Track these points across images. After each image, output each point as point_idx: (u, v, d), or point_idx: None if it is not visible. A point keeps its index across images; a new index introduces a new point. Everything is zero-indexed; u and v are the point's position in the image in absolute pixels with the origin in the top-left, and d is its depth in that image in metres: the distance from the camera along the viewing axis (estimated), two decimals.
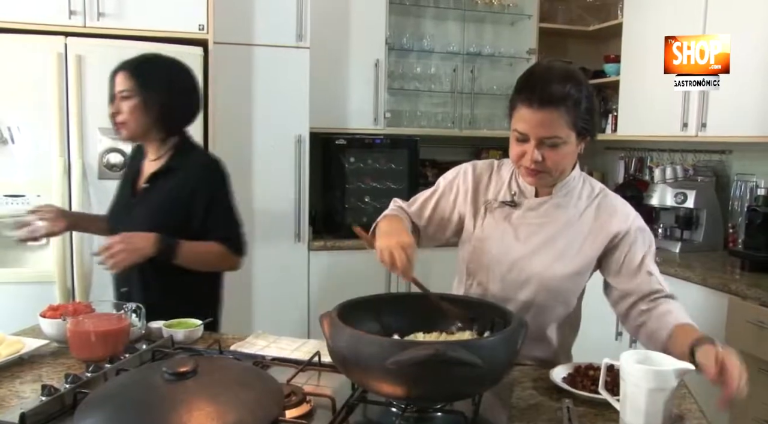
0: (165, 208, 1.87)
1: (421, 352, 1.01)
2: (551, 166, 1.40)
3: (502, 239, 1.52)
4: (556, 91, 1.34)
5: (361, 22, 3.50)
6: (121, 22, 2.77)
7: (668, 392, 1.13)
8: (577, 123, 1.37)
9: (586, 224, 1.49)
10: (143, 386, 1.10)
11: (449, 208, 1.61)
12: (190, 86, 1.97)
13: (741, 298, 2.37)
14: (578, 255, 1.48)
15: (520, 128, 1.38)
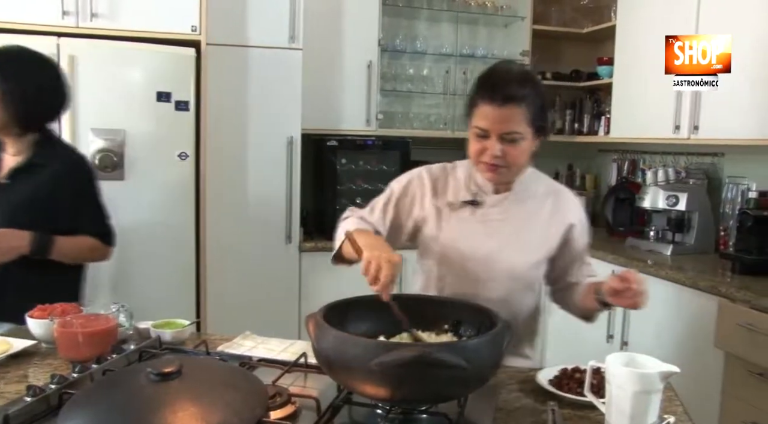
0: (27, 205, 1.85)
1: (405, 353, 1.01)
2: (510, 161, 1.47)
3: (470, 237, 1.56)
4: (516, 90, 1.42)
5: (354, 24, 3.50)
6: (114, 23, 2.77)
7: (653, 395, 1.13)
8: (535, 120, 1.45)
9: (545, 216, 1.58)
10: (128, 386, 1.10)
11: (405, 213, 1.62)
12: (53, 82, 1.93)
13: (731, 300, 2.38)
14: (542, 245, 1.57)
15: (482, 124, 1.45)
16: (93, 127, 2.71)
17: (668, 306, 2.75)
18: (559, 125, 4.15)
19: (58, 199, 1.86)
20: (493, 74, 1.48)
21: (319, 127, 3.47)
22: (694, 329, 2.56)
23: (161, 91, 2.80)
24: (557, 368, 1.42)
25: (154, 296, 2.78)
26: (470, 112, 1.49)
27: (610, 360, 1.17)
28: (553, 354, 3.59)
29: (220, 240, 3.10)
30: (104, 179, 2.70)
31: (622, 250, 3.21)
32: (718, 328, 2.40)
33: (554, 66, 4.17)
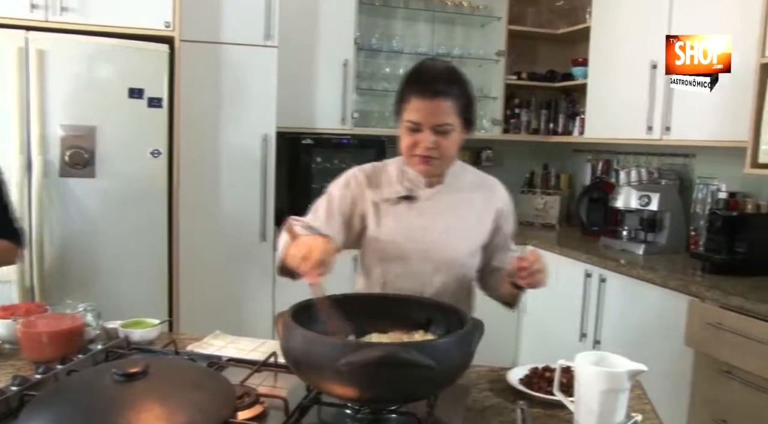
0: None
1: (372, 353, 1.01)
2: (443, 153, 1.52)
3: (409, 232, 1.59)
4: (445, 84, 1.49)
5: (330, 22, 3.48)
6: (85, 18, 2.72)
7: (621, 394, 1.14)
8: (463, 113, 1.52)
9: (477, 205, 1.65)
10: (92, 387, 1.08)
11: (350, 213, 1.62)
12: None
13: (700, 299, 2.41)
14: (477, 233, 1.64)
15: (414, 118, 1.50)
16: (63, 123, 2.66)
17: (640, 305, 2.78)
18: (534, 125, 4.18)
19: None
20: (422, 70, 1.53)
21: (295, 126, 3.45)
22: (665, 328, 2.59)
23: (133, 88, 2.76)
24: (528, 367, 1.43)
25: (125, 296, 2.74)
26: (401, 108, 1.54)
27: (579, 359, 1.17)
28: (527, 353, 3.62)
29: (194, 239, 3.06)
30: (75, 176, 2.69)
31: (595, 249, 3.24)
32: (688, 326, 2.43)
33: (530, 66, 4.19)
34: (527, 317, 3.65)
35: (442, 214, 1.60)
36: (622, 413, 1.15)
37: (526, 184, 4.28)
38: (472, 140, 4.06)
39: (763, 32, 2.45)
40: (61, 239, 2.68)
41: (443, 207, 1.61)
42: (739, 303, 2.24)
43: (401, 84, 1.56)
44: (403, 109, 1.53)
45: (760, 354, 2.12)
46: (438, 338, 1.23)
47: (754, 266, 2.63)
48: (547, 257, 3.37)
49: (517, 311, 3.61)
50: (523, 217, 4.14)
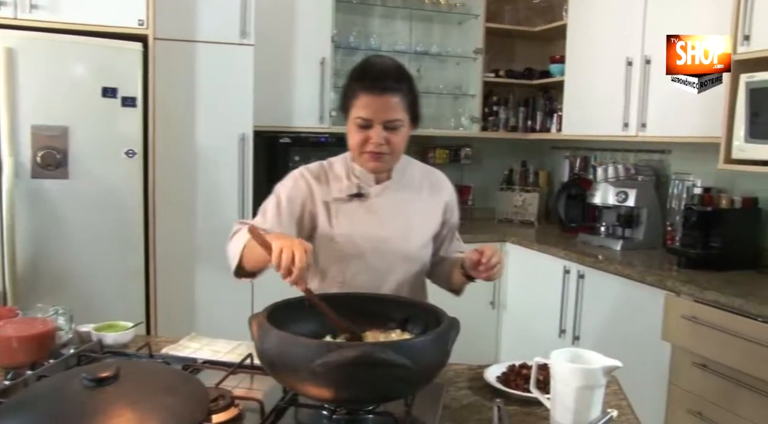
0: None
1: (348, 353, 1.00)
2: (393, 148, 1.53)
3: (363, 229, 1.59)
4: (394, 80, 1.50)
5: (307, 20, 3.46)
6: (56, 15, 2.67)
7: (597, 390, 1.15)
8: (411, 108, 1.54)
9: (425, 197, 1.67)
10: (61, 393, 1.05)
11: (299, 213, 1.61)
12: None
13: (676, 294, 2.44)
14: (428, 225, 1.66)
15: (364, 114, 1.49)
16: (34, 123, 2.61)
17: (618, 301, 2.81)
18: (512, 123, 4.19)
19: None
20: (370, 67, 1.53)
21: (272, 124, 3.42)
22: (642, 323, 2.62)
23: (107, 87, 2.72)
24: (505, 365, 1.43)
25: (100, 299, 2.70)
26: (349, 105, 1.53)
27: (555, 356, 1.17)
28: (507, 350, 3.64)
29: (171, 240, 3.02)
30: (47, 178, 2.65)
31: (573, 246, 3.26)
32: (665, 321, 2.46)
33: (507, 64, 4.21)
34: (507, 315, 3.66)
35: (393, 209, 1.61)
36: (598, 409, 1.15)
37: (504, 182, 4.29)
38: (451, 138, 4.12)
39: (735, 29, 2.48)
40: (34, 241, 2.64)
41: (393, 203, 1.62)
42: (714, 297, 2.27)
43: (347, 80, 1.56)
44: (352, 105, 1.52)
45: (735, 347, 2.15)
46: (414, 337, 1.22)
47: (729, 260, 2.66)
48: (526, 254, 3.42)
49: (496, 309, 3.64)
50: (502, 214, 4.16)
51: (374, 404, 1.14)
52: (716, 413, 2.25)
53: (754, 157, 2.45)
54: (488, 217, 4.17)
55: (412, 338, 1.18)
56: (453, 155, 4.15)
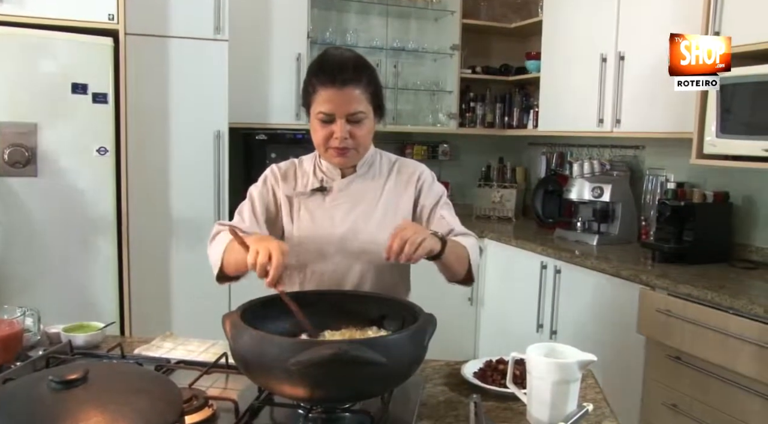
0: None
1: (323, 352, 0.99)
2: (358, 142, 1.50)
3: (323, 224, 1.57)
4: (353, 72, 1.46)
5: (283, 15, 3.43)
6: (23, 9, 2.61)
7: (572, 384, 1.15)
8: (374, 99, 1.51)
9: (393, 188, 1.61)
10: (27, 396, 1.02)
11: (273, 212, 1.61)
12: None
13: (651, 288, 2.46)
14: (396, 215, 1.58)
15: (326, 109, 1.46)
16: (2, 120, 2.55)
17: (594, 295, 2.83)
18: (489, 119, 4.20)
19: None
20: (328, 60, 1.48)
21: (248, 121, 3.39)
22: (618, 317, 2.64)
23: (77, 83, 2.67)
24: (482, 361, 1.43)
25: (72, 299, 2.65)
26: (310, 101, 1.50)
27: (530, 351, 1.17)
28: (485, 345, 3.65)
29: (144, 239, 2.98)
30: (15, 176, 2.59)
31: (551, 241, 3.28)
32: (640, 315, 2.48)
33: (484, 60, 4.22)
34: (485, 311, 3.67)
35: (357, 203, 1.58)
36: (573, 403, 1.16)
37: (482, 178, 4.30)
38: (429, 134, 4.11)
39: (705, 25, 2.51)
40: (1, 241, 2.58)
41: (357, 196, 1.58)
42: (687, 291, 2.29)
43: (307, 76, 1.52)
44: (312, 101, 1.49)
45: (708, 340, 2.17)
46: (390, 333, 1.21)
47: (702, 254, 2.70)
48: (504, 250, 3.43)
49: (474, 305, 3.65)
50: (480, 210, 4.17)
51: (351, 402, 1.13)
52: (691, 405, 2.28)
53: (725, 152, 2.48)
54: (466, 213, 4.18)
55: (387, 335, 1.16)
56: (431, 152, 4.15)
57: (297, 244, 1.56)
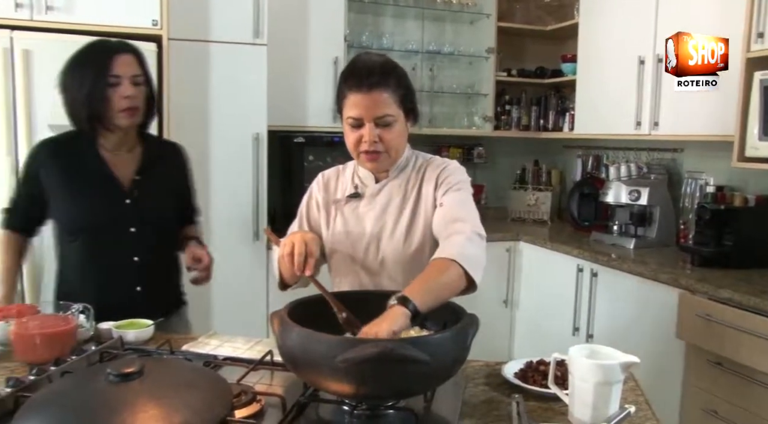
0: (167, 196, 1.92)
1: (369, 349, 1.01)
2: (388, 146, 1.50)
3: (354, 229, 1.59)
4: (380, 75, 1.47)
5: (320, 19, 3.47)
6: (71, 17, 2.69)
7: (614, 386, 1.15)
8: (403, 102, 1.51)
9: (421, 189, 1.59)
10: (87, 388, 1.07)
11: (316, 220, 1.65)
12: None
13: (690, 292, 2.43)
14: (422, 224, 1.56)
15: (354, 114, 1.48)
16: (50, 123, 2.62)
17: (632, 299, 2.80)
18: (525, 122, 4.19)
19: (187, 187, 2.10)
20: (357, 65, 1.51)
21: (286, 124, 3.44)
22: (657, 321, 2.61)
23: None
24: (522, 361, 1.44)
25: None
26: (341, 106, 1.53)
27: (573, 352, 1.18)
28: (520, 347, 3.64)
29: None
30: None
31: (586, 244, 3.26)
32: (679, 319, 2.45)
33: (519, 63, 4.21)
34: (519, 313, 3.66)
35: (386, 206, 1.59)
36: (615, 405, 1.16)
37: (517, 181, 4.29)
38: (464, 137, 4.12)
39: (749, 27, 2.47)
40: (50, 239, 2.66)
41: (388, 200, 1.59)
42: (729, 295, 2.26)
43: (338, 82, 1.55)
44: (343, 106, 1.51)
45: (750, 345, 2.14)
46: (434, 333, 1.23)
47: (742, 258, 2.66)
48: (539, 253, 3.42)
49: (509, 307, 3.64)
50: (515, 213, 4.16)
51: (395, 399, 1.15)
52: (732, 412, 2.25)
53: (767, 155, 2.44)
54: (501, 216, 4.17)
55: (432, 335, 1.18)
56: (466, 154, 4.16)
57: (331, 249, 1.61)
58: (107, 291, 1.77)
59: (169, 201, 1.93)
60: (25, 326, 1.41)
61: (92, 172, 1.81)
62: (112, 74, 1.72)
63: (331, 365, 1.02)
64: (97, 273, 1.81)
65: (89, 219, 1.80)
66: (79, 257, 1.83)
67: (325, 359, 1.04)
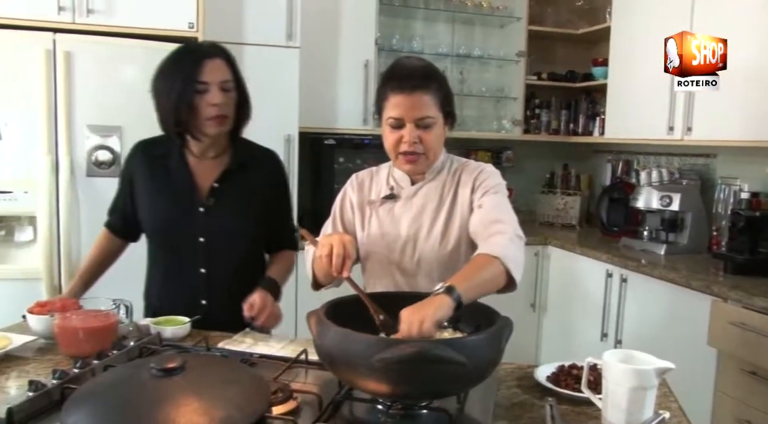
0: (245, 208, 1.79)
1: (406, 350, 1.03)
2: (427, 147, 1.52)
3: (390, 231, 1.61)
4: (422, 77, 1.50)
5: (351, 23, 3.51)
6: (111, 19, 2.76)
7: (649, 391, 1.15)
8: (443, 105, 1.54)
9: (457, 192, 1.61)
10: (131, 381, 1.11)
11: (352, 223, 1.67)
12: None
13: (723, 300, 2.41)
14: (458, 226, 1.58)
15: (395, 114, 1.50)
16: (89, 123, 2.70)
17: (662, 305, 2.78)
18: (554, 126, 4.17)
19: (273, 199, 1.89)
20: (399, 67, 1.54)
21: (316, 126, 3.47)
22: (688, 328, 2.59)
23: None
24: (554, 365, 1.44)
25: None
26: (381, 107, 1.55)
27: (607, 357, 1.18)
28: (547, 352, 3.62)
29: None
30: (100, 176, 2.73)
31: (616, 250, 3.24)
32: (711, 327, 2.42)
33: (550, 67, 4.19)
34: (547, 317, 3.65)
35: (422, 208, 1.60)
36: (650, 411, 1.16)
37: (546, 185, 4.28)
38: (493, 141, 4.11)
39: None
40: (89, 237, 2.71)
41: (424, 202, 1.61)
42: (763, 304, 2.23)
43: (379, 83, 1.58)
44: (384, 107, 1.53)
45: None
46: (469, 335, 1.24)
47: None
48: (568, 257, 3.41)
49: (537, 311, 3.63)
50: (543, 217, 4.15)
51: (429, 399, 1.17)
52: (766, 422, 2.22)
53: None
54: (529, 220, 4.16)
55: (468, 336, 1.20)
56: (494, 158, 4.16)
57: (366, 250, 1.62)
58: (172, 299, 1.77)
59: (247, 213, 1.80)
60: (68, 320, 1.46)
61: (173, 176, 1.77)
62: (200, 81, 1.66)
63: (368, 364, 1.04)
64: (165, 280, 1.81)
65: (159, 223, 1.79)
66: (152, 261, 1.85)
67: (362, 359, 1.05)
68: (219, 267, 1.78)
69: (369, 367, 1.04)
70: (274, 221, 1.82)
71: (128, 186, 1.85)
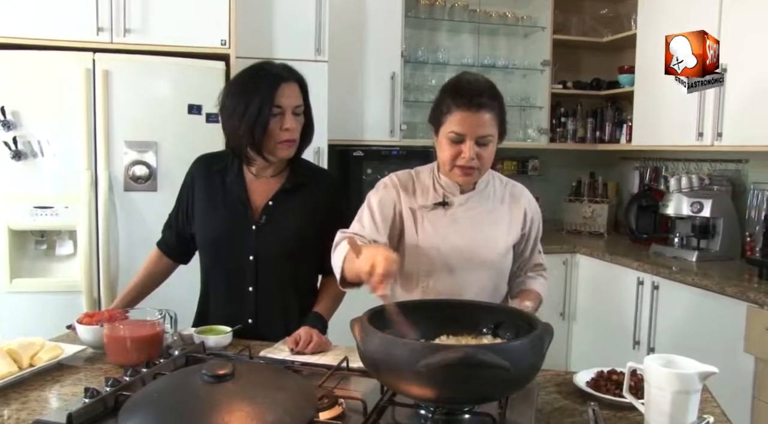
0: (296, 228, 1.78)
1: (451, 355, 1.05)
2: (483, 163, 1.59)
3: (446, 236, 1.66)
4: (488, 97, 1.55)
5: (378, 36, 3.56)
6: (147, 38, 2.84)
7: (692, 395, 1.16)
8: (501, 124, 1.60)
9: (506, 208, 1.72)
10: (183, 388, 1.15)
11: (391, 220, 1.68)
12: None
13: (759, 306, 2.39)
14: (509, 234, 1.71)
15: (459, 130, 1.55)
16: (126, 139, 2.77)
17: (696, 312, 2.76)
18: (581, 133, 4.18)
19: (325, 220, 1.82)
20: (465, 84, 1.58)
21: (345, 138, 3.52)
22: (723, 335, 2.57)
23: (192, 104, 2.86)
24: (593, 371, 1.45)
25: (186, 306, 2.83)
26: (442, 120, 1.59)
27: (649, 361, 1.19)
28: (578, 360, 3.60)
29: None
30: (137, 190, 2.80)
31: (646, 257, 3.23)
32: (748, 333, 2.41)
33: (575, 75, 4.20)
34: (577, 326, 3.64)
35: (476, 219, 1.67)
36: (693, 415, 1.16)
37: (572, 193, 4.27)
38: (519, 150, 4.12)
39: None
40: (126, 250, 2.79)
41: (476, 212, 1.68)
42: None
43: (441, 96, 1.61)
44: (445, 120, 1.57)
45: None
46: (511, 340, 1.26)
47: None
48: (597, 265, 3.40)
49: (566, 319, 3.62)
50: (571, 225, 4.14)
51: (472, 404, 1.19)
52: None
53: None
54: (556, 228, 4.15)
55: (510, 342, 1.22)
56: (521, 167, 4.17)
57: (421, 255, 1.66)
58: (220, 317, 1.78)
59: (297, 233, 1.78)
60: (117, 330, 1.50)
61: (229, 191, 1.79)
62: (276, 105, 1.68)
63: (413, 369, 1.06)
64: (214, 296, 1.84)
65: (212, 236, 1.80)
66: (203, 278, 1.88)
67: (407, 364, 1.07)
68: (266, 287, 1.79)
69: (414, 372, 1.07)
70: (327, 240, 1.68)
71: (186, 198, 1.88)
